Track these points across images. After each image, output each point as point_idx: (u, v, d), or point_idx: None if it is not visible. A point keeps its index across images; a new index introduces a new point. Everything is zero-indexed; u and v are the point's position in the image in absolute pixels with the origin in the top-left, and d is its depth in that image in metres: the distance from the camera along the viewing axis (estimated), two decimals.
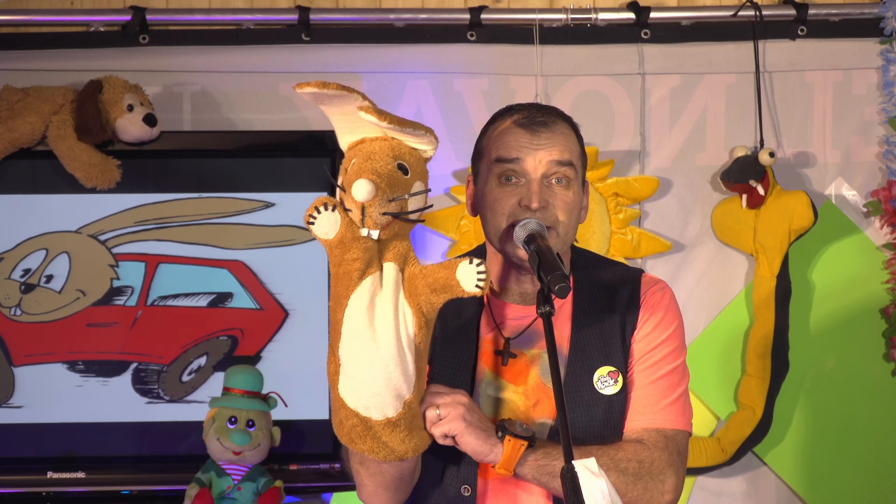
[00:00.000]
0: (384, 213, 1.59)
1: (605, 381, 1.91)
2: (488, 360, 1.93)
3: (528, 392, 1.91)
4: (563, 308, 1.95)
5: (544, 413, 1.90)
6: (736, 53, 3.20)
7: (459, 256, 1.67)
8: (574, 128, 1.98)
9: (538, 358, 1.92)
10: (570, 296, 1.96)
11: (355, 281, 1.61)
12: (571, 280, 1.99)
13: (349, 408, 1.66)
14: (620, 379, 1.91)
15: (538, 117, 1.93)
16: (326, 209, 1.59)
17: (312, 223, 1.59)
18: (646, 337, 1.94)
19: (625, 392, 1.91)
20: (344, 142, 1.67)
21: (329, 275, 1.65)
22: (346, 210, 1.60)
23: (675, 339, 1.95)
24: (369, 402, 1.65)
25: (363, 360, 1.63)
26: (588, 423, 1.89)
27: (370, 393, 1.64)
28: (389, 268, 1.64)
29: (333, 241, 1.60)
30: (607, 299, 1.96)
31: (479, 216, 1.98)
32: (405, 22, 3.20)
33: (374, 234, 1.61)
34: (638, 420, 1.90)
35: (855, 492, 3.19)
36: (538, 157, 1.89)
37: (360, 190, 1.55)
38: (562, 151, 1.91)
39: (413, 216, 1.63)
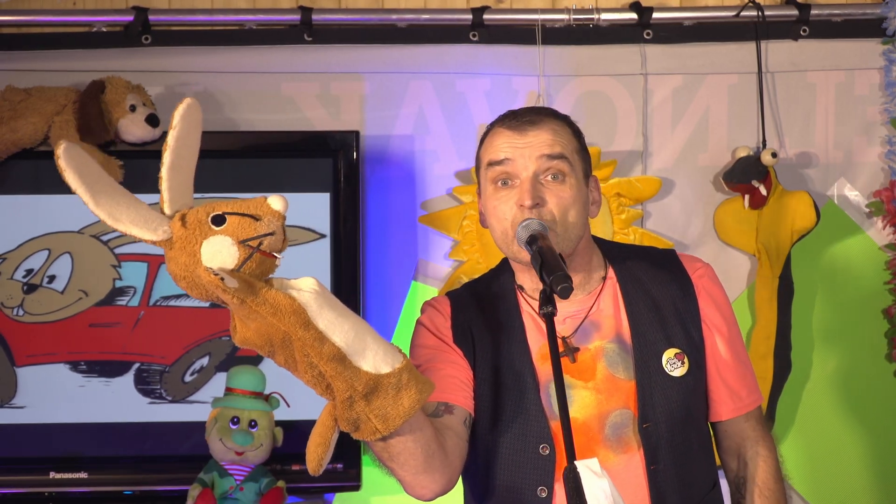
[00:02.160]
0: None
1: (674, 364, 1.93)
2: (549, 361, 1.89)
3: (599, 386, 1.90)
4: (612, 299, 1.96)
5: (619, 404, 1.90)
6: (738, 54, 3.20)
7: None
8: (568, 123, 1.98)
9: (601, 350, 1.92)
10: (614, 286, 1.98)
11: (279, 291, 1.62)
12: (611, 271, 2.00)
13: (384, 373, 1.57)
14: (686, 360, 1.93)
15: (525, 117, 1.93)
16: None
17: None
18: (714, 324, 1.98)
19: (692, 374, 1.94)
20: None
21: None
22: (253, 247, 1.60)
23: (733, 314, 2.03)
24: (385, 355, 1.57)
25: (355, 323, 1.57)
26: (666, 406, 1.90)
27: (376, 347, 1.57)
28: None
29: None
30: (653, 284, 1.97)
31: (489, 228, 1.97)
32: (407, 22, 3.20)
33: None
34: (739, 410, 2.01)
35: (857, 492, 3.18)
36: (527, 155, 1.89)
37: (279, 201, 1.59)
38: (551, 145, 1.90)
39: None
